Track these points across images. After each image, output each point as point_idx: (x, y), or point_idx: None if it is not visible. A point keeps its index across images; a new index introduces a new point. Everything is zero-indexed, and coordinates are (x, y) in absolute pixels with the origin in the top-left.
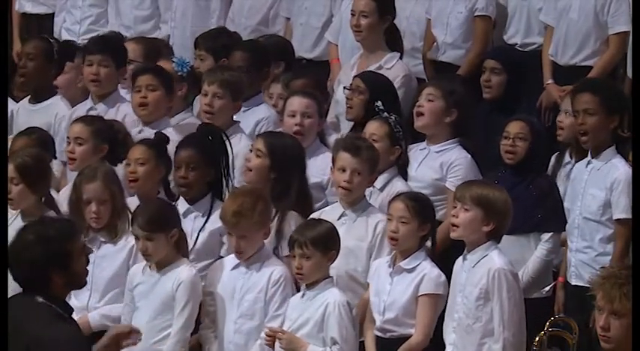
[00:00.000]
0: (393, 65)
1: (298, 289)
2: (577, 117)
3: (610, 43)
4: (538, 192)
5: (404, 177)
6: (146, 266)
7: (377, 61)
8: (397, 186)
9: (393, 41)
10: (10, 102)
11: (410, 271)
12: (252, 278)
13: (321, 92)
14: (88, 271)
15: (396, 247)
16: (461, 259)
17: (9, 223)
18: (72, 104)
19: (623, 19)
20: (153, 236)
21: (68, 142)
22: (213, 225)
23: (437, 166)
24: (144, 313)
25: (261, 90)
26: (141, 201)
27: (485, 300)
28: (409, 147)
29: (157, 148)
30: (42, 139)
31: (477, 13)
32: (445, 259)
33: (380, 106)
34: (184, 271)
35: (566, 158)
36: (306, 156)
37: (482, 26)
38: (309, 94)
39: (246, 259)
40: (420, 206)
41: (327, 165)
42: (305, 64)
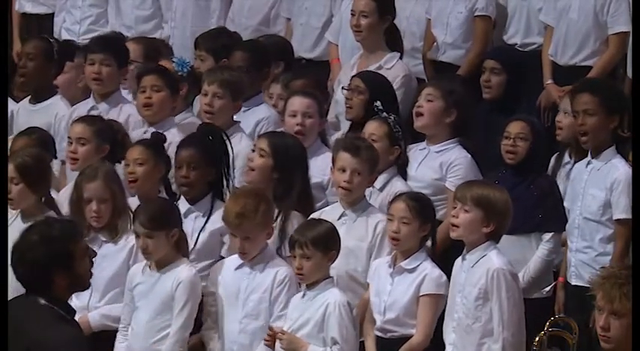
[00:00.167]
0: (393, 65)
1: None
2: (577, 117)
3: (610, 43)
4: (539, 192)
5: (403, 177)
6: (146, 266)
7: (377, 61)
8: (397, 186)
9: (393, 41)
10: (10, 102)
11: (411, 271)
12: (256, 278)
13: (321, 92)
14: (91, 273)
15: (397, 247)
16: (460, 259)
17: (9, 223)
18: (72, 104)
19: (623, 19)
20: (153, 234)
21: (70, 143)
22: (213, 225)
23: (437, 166)
24: (143, 312)
25: (262, 90)
26: (141, 201)
27: (485, 300)
28: (409, 147)
29: (154, 147)
30: (42, 139)
31: (477, 13)
32: (445, 259)
33: (379, 106)
34: (184, 270)
35: (566, 158)
36: (307, 156)
37: (482, 26)
38: (310, 94)
39: (249, 259)
40: (421, 206)
41: (327, 165)
42: (305, 64)
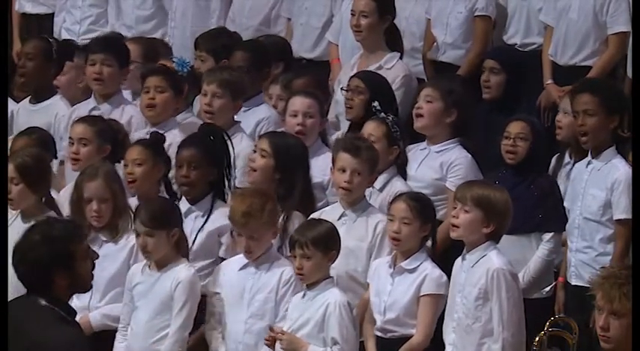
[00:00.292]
0: (393, 65)
1: None
2: (577, 118)
3: (609, 43)
4: (539, 192)
5: (403, 176)
6: (145, 266)
7: (377, 61)
8: (397, 186)
9: (393, 41)
10: (10, 102)
11: (411, 271)
12: (262, 278)
13: (322, 92)
14: (92, 275)
15: (397, 247)
16: (460, 259)
17: (9, 223)
18: (72, 104)
19: (622, 19)
20: (154, 233)
21: (71, 143)
22: (211, 225)
23: (437, 166)
24: (143, 312)
25: (262, 90)
26: (140, 201)
27: (484, 300)
28: (409, 147)
29: (153, 147)
30: (42, 139)
31: (476, 13)
32: (445, 259)
33: (377, 107)
34: (183, 270)
35: (566, 159)
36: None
37: (482, 26)
38: (311, 94)
39: (254, 259)
40: (421, 206)
41: (328, 165)
42: (305, 64)
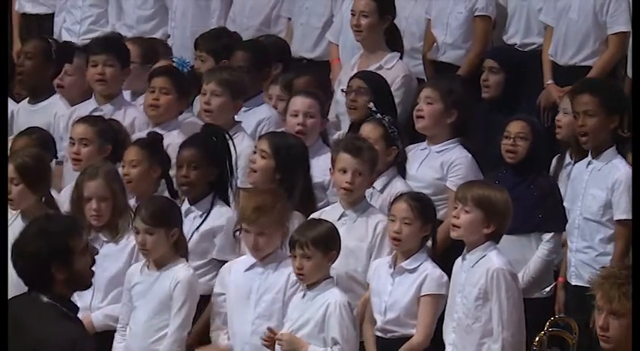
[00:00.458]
0: (394, 65)
1: None
2: (577, 118)
3: (609, 43)
4: (539, 192)
5: (403, 176)
6: (144, 266)
7: (377, 61)
8: (397, 186)
9: (393, 41)
10: (10, 102)
11: (412, 271)
12: (269, 279)
13: (323, 91)
14: (92, 272)
15: (398, 247)
16: (460, 259)
17: (9, 223)
18: (72, 105)
19: (622, 19)
20: (154, 231)
21: (72, 143)
22: (207, 225)
23: (437, 165)
24: (141, 312)
25: (262, 90)
26: (138, 201)
27: (484, 300)
28: (409, 147)
29: (150, 147)
30: (42, 139)
31: (476, 14)
32: (445, 259)
33: (373, 108)
34: (182, 270)
35: (567, 159)
36: (309, 156)
37: (482, 26)
38: (312, 93)
39: (262, 258)
40: (422, 206)
41: (328, 165)
42: (306, 64)
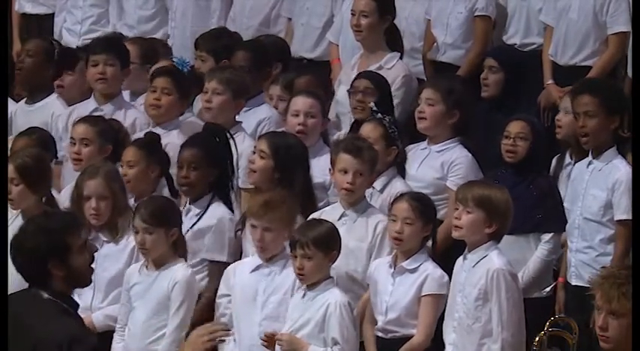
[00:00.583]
0: (394, 65)
1: None
2: (577, 119)
3: (609, 43)
4: (538, 192)
5: (402, 176)
6: (143, 266)
7: (377, 61)
8: (397, 187)
9: (394, 41)
10: (10, 102)
11: (412, 271)
12: (275, 280)
13: (324, 91)
14: (92, 269)
15: (399, 247)
16: (461, 258)
17: (9, 223)
18: (71, 105)
19: (622, 19)
20: (153, 230)
21: (73, 143)
22: (200, 225)
23: (438, 165)
24: (140, 312)
25: (263, 90)
26: (137, 201)
27: (484, 300)
28: (409, 147)
29: (147, 148)
30: (42, 139)
31: (477, 14)
32: (446, 258)
33: (374, 107)
34: (180, 271)
35: (567, 160)
36: (309, 156)
37: (482, 26)
38: (313, 93)
39: (268, 259)
40: (423, 206)
41: (329, 165)
42: (306, 64)
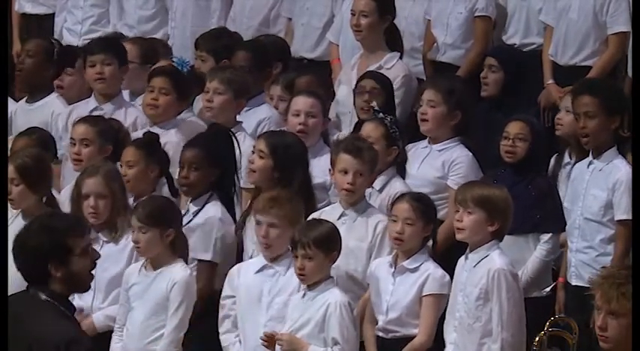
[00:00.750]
0: (393, 65)
1: None
2: (578, 120)
3: (609, 43)
4: (537, 192)
5: (402, 175)
6: (142, 266)
7: (377, 61)
8: (396, 186)
9: (393, 41)
10: (10, 102)
11: (413, 270)
12: (280, 281)
13: (325, 91)
14: (92, 276)
15: (399, 247)
16: (463, 258)
17: (10, 222)
18: (70, 104)
19: (622, 19)
20: (147, 229)
21: (73, 143)
22: (191, 223)
23: (439, 164)
24: (138, 313)
25: (263, 90)
26: (136, 201)
27: (485, 300)
28: (410, 145)
29: (146, 147)
30: (42, 139)
31: (477, 14)
32: (447, 258)
33: (375, 107)
34: (179, 271)
35: (566, 159)
36: (310, 156)
37: (482, 26)
38: (314, 93)
39: (272, 259)
40: (424, 207)
41: (329, 165)
42: (306, 64)
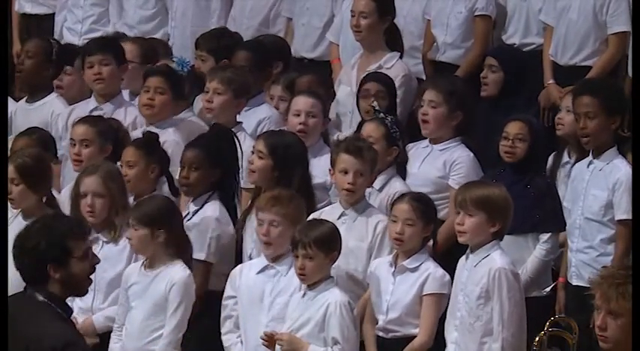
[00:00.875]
0: (393, 65)
1: None
2: (578, 120)
3: (609, 43)
4: (536, 192)
5: (403, 175)
6: (141, 267)
7: (377, 61)
8: (396, 186)
9: (393, 41)
10: (10, 102)
11: (413, 270)
12: (281, 281)
13: (326, 91)
14: (90, 280)
15: (400, 247)
16: (464, 257)
17: (10, 221)
18: (70, 103)
19: (622, 19)
20: (138, 228)
21: (73, 144)
22: (189, 223)
23: (440, 164)
24: (138, 313)
25: (263, 90)
26: (135, 200)
27: (486, 299)
28: (410, 145)
29: (146, 147)
30: (42, 139)
31: (476, 13)
32: (448, 257)
33: (376, 107)
34: (178, 272)
35: (565, 158)
36: (310, 156)
37: (482, 26)
38: (314, 93)
39: (273, 259)
40: (424, 207)
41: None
42: (307, 64)
